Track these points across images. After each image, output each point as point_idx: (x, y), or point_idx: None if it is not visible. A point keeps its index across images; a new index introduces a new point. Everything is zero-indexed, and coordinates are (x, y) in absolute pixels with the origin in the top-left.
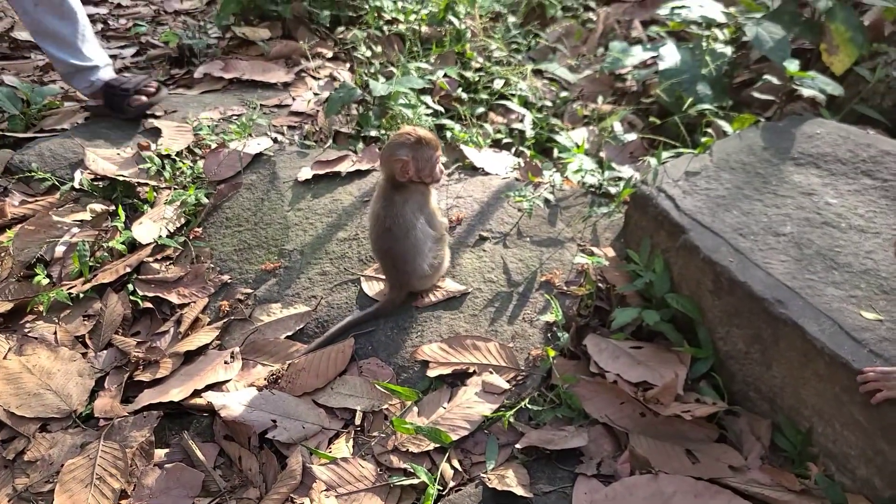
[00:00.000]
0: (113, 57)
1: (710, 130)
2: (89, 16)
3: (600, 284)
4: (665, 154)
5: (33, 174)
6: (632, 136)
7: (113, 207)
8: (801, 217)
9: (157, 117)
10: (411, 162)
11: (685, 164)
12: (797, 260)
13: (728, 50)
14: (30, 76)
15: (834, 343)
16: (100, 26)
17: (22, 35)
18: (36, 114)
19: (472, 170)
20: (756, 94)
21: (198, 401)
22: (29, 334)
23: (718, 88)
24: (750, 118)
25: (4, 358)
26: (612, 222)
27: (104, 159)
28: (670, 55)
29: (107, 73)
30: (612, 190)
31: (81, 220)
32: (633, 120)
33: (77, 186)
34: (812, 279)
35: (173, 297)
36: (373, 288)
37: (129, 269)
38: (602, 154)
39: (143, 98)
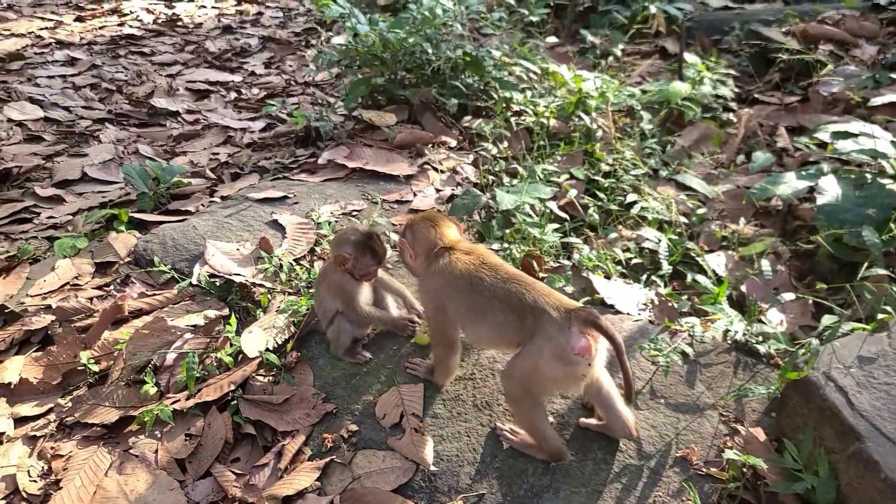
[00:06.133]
0: (243, 130)
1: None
2: (225, 83)
3: (745, 469)
4: (826, 319)
5: (155, 268)
6: (790, 297)
7: (226, 311)
8: None
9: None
10: (351, 261)
11: (858, 347)
12: None
13: None
14: (163, 145)
15: None
16: (233, 95)
17: (160, 102)
18: (164, 192)
19: (602, 305)
20: None
21: None
22: (131, 450)
23: (889, 232)
24: None
25: (105, 475)
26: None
27: (224, 254)
28: (830, 188)
29: None
30: (761, 349)
31: (195, 325)
32: (778, 247)
33: (195, 283)
34: None
35: (275, 423)
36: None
37: (233, 387)
38: (743, 288)
39: None
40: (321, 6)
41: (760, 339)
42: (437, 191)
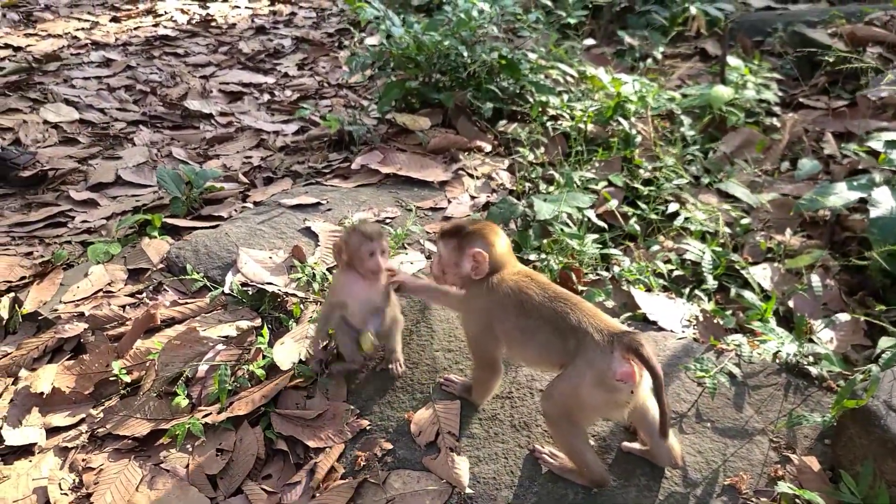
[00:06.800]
0: (276, 133)
1: None
2: (258, 85)
3: (797, 501)
4: (883, 341)
5: (187, 276)
6: (845, 318)
7: (259, 322)
8: None
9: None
10: (343, 246)
11: None
12: None
13: None
14: (196, 148)
15: None
16: (266, 97)
17: (194, 104)
18: (197, 197)
19: (644, 322)
20: None
21: None
22: (162, 465)
23: None
24: None
25: (136, 490)
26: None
27: (256, 262)
28: (884, 200)
29: None
30: (812, 371)
31: (227, 336)
32: (826, 260)
33: (227, 291)
34: None
35: (308, 440)
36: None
37: (265, 401)
38: (790, 303)
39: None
40: (355, 8)
41: (812, 359)
42: (472, 198)
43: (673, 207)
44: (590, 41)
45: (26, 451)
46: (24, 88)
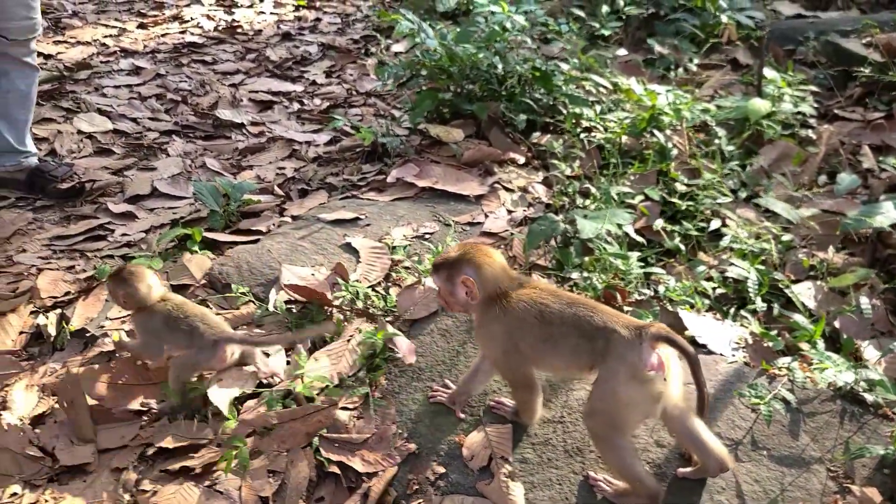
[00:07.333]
0: (308, 143)
1: None
2: (287, 93)
3: None
4: None
5: (232, 293)
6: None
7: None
8: None
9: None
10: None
11: None
12: None
13: None
14: (229, 159)
15: None
16: (296, 106)
17: (225, 113)
18: (234, 210)
19: (693, 344)
20: None
21: None
22: (215, 487)
23: None
24: None
25: None
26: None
27: (299, 279)
28: None
29: (34, 160)
30: (868, 398)
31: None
32: (873, 280)
33: (271, 309)
34: None
35: (357, 464)
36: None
37: (316, 432)
38: (836, 324)
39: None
40: (389, 21)
41: (865, 385)
42: (509, 212)
43: (714, 224)
44: (622, 52)
45: (80, 470)
46: (57, 97)
